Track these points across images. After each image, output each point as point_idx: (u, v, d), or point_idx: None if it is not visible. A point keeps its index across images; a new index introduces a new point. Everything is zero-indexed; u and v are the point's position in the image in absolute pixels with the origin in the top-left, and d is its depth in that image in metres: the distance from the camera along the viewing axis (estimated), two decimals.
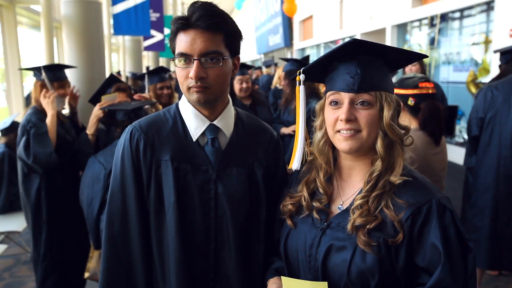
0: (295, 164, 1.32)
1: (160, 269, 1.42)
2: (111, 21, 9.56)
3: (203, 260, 1.40)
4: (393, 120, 1.21)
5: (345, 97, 1.21)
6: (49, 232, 3.09)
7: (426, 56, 1.28)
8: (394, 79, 3.15)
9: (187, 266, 1.38)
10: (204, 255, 1.40)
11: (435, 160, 2.28)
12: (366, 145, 1.22)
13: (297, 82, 1.29)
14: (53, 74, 3.16)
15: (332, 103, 1.24)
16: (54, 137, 2.89)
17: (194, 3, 1.32)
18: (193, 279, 1.40)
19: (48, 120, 2.91)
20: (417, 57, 1.30)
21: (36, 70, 3.19)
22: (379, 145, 1.21)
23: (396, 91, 2.16)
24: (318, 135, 1.32)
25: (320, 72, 1.32)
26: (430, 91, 2.32)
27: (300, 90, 1.30)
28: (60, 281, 3.16)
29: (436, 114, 2.29)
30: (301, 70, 1.29)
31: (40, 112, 3.04)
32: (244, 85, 4.06)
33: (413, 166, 2.00)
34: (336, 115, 1.22)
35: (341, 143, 1.22)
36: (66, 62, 6.51)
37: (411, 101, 2.28)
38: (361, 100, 1.20)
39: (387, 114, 1.20)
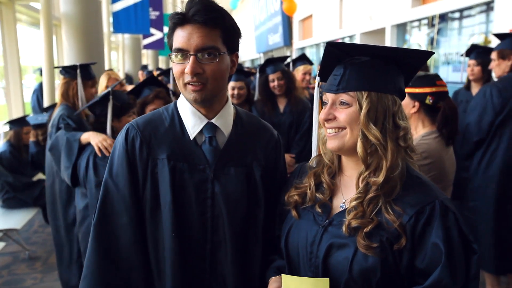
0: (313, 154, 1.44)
1: (156, 269, 1.41)
2: (111, 19, 9.54)
3: (199, 260, 1.39)
4: (371, 120, 1.19)
5: (329, 97, 1.26)
6: None
7: (431, 53, 1.25)
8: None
9: (182, 266, 1.37)
10: (200, 255, 1.39)
11: (448, 164, 2.14)
12: (350, 144, 1.23)
13: (315, 84, 1.39)
14: (89, 73, 3.25)
15: (324, 103, 1.30)
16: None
17: None
18: (189, 279, 1.39)
19: (86, 135, 2.69)
20: (419, 53, 1.27)
21: (71, 69, 3.29)
22: (358, 145, 1.21)
23: (411, 90, 2.10)
24: (322, 132, 1.34)
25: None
26: (446, 89, 2.21)
27: (315, 92, 1.39)
28: None
29: (455, 112, 2.18)
30: (317, 74, 1.37)
31: (70, 109, 3.08)
32: (236, 91, 3.79)
33: (430, 174, 1.91)
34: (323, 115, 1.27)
35: (327, 142, 1.28)
36: (65, 60, 6.51)
37: (429, 100, 2.15)
38: (340, 100, 1.23)
39: (363, 112, 1.19)
